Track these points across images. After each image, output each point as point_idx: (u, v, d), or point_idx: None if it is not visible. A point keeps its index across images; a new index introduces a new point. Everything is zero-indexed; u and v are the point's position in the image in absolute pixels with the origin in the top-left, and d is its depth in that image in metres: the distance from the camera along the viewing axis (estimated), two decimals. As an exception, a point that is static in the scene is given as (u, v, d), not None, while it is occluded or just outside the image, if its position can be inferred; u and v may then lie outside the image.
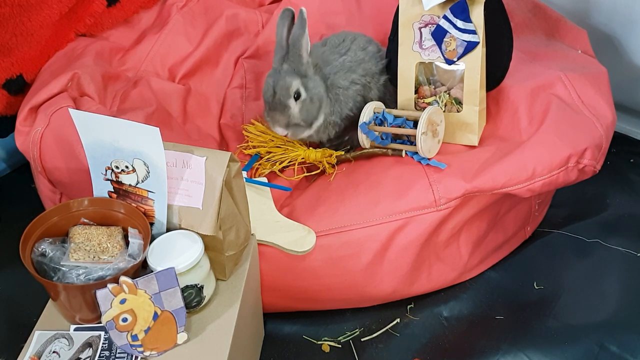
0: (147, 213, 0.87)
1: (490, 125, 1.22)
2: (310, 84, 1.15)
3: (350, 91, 1.21)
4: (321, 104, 1.17)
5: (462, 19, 1.12)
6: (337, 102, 1.21)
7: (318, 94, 1.16)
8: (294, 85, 1.13)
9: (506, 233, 1.22)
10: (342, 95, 1.21)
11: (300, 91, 1.14)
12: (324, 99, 1.18)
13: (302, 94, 1.14)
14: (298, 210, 1.10)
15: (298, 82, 1.14)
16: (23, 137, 1.11)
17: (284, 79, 1.13)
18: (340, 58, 1.22)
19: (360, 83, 1.22)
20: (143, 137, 0.83)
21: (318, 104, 1.16)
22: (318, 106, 1.17)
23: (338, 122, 1.22)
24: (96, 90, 1.20)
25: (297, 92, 1.14)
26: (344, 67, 1.22)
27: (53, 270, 0.81)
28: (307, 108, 1.16)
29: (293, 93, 1.14)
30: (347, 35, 1.27)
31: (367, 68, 1.23)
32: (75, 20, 1.30)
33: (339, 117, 1.22)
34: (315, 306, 1.13)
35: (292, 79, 1.13)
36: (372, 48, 1.26)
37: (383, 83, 1.26)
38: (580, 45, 1.34)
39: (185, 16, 1.43)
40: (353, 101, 1.22)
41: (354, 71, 1.22)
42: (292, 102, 1.14)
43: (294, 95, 1.14)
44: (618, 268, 1.22)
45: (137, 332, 0.79)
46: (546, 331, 1.11)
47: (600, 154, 1.14)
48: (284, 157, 1.22)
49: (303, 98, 1.15)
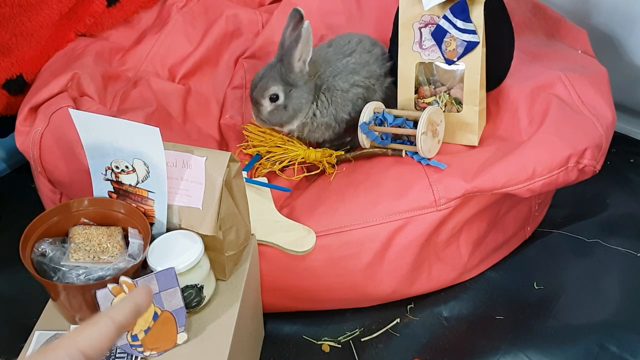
0: (147, 213, 0.87)
1: (490, 125, 1.22)
2: (295, 93, 1.17)
3: (350, 94, 1.21)
4: (296, 114, 1.19)
5: (462, 19, 1.12)
6: (333, 104, 1.20)
7: (296, 105, 1.18)
8: (272, 90, 1.16)
9: (506, 233, 1.22)
10: (340, 97, 1.21)
11: (279, 96, 1.17)
12: (303, 109, 1.19)
13: (280, 99, 1.17)
14: (298, 210, 1.10)
15: (277, 89, 1.16)
16: (23, 137, 1.11)
17: (267, 80, 1.16)
18: (344, 59, 1.22)
19: (364, 85, 1.22)
20: (143, 137, 0.83)
21: (292, 113, 1.19)
22: (291, 114, 1.19)
23: (332, 124, 1.22)
24: (96, 90, 1.20)
25: (275, 96, 1.17)
26: (346, 69, 1.21)
27: (53, 270, 0.81)
28: (280, 114, 1.18)
29: (269, 95, 1.17)
30: (353, 36, 1.27)
31: (371, 70, 1.23)
32: (75, 20, 1.30)
33: (333, 119, 1.21)
34: (315, 306, 1.13)
35: (273, 84, 1.16)
36: (377, 50, 1.26)
37: (388, 85, 1.25)
38: (580, 45, 1.34)
39: (185, 16, 1.43)
40: (352, 104, 1.22)
41: (358, 73, 1.22)
42: (266, 102, 1.18)
43: (269, 97, 1.17)
44: (618, 268, 1.22)
45: (137, 332, 0.79)
46: (546, 331, 1.11)
47: (600, 154, 1.14)
48: (284, 156, 1.22)
49: (279, 103, 1.17)
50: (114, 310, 0.55)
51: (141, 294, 0.58)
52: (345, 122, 1.23)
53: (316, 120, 1.21)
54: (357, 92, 1.22)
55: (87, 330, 0.52)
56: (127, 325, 0.55)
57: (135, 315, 0.56)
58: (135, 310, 0.56)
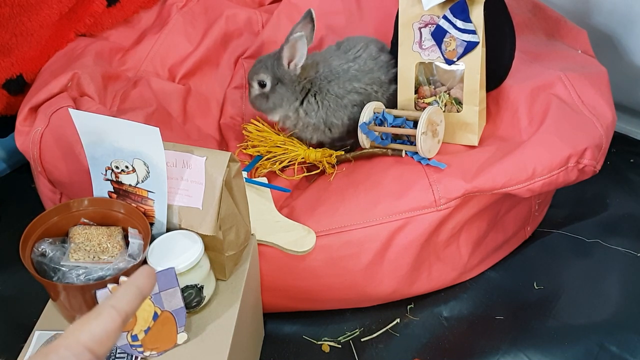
0: (147, 213, 0.87)
1: (490, 125, 1.22)
2: (279, 89, 1.21)
3: (344, 100, 1.21)
4: (276, 108, 1.23)
5: (462, 19, 1.12)
6: (324, 108, 1.21)
7: (277, 100, 1.21)
8: (261, 76, 1.21)
9: (506, 233, 1.22)
10: (333, 102, 1.21)
11: (266, 83, 1.21)
12: (283, 106, 1.22)
13: (266, 87, 1.21)
14: (298, 210, 1.10)
15: (265, 77, 1.21)
16: (23, 137, 1.11)
17: (261, 66, 1.22)
18: (346, 64, 1.22)
19: (363, 93, 1.22)
20: (143, 137, 0.83)
21: (272, 105, 1.23)
22: (271, 107, 1.23)
23: (321, 127, 1.22)
24: (96, 90, 1.20)
25: (262, 82, 1.21)
26: (346, 75, 1.21)
27: (53, 270, 0.81)
28: (262, 101, 1.23)
29: (257, 80, 1.22)
30: (360, 41, 1.26)
31: (374, 77, 1.22)
32: (75, 20, 1.30)
33: (322, 123, 1.22)
34: (315, 306, 1.13)
35: (263, 72, 1.21)
36: (384, 57, 1.25)
37: (392, 92, 1.24)
38: (580, 45, 1.34)
39: (185, 16, 1.43)
40: (345, 110, 1.21)
41: (359, 80, 1.21)
42: (255, 84, 1.23)
43: (258, 81, 1.22)
44: (618, 268, 1.22)
45: (137, 332, 0.78)
46: (546, 331, 1.11)
47: (600, 154, 1.14)
48: (284, 156, 1.22)
49: (264, 91, 1.21)
50: (116, 298, 0.50)
51: (143, 276, 0.52)
52: (338, 127, 1.23)
53: (302, 120, 1.22)
54: (352, 99, 1.21)
55: (90, 323, 0.48)
56: (132, 312, 0.50)
57: (140, 301, 0.51)
58: (139, 295, 0.51)
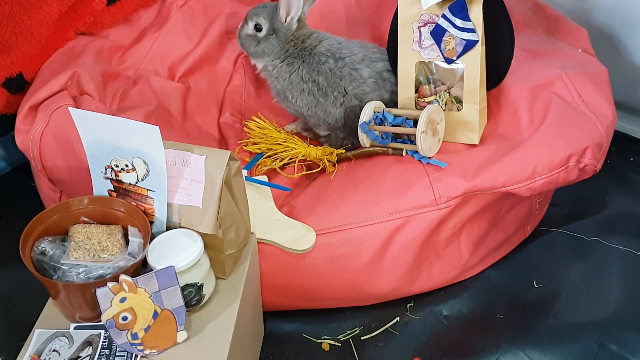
0: (147, 212, 0.87)
1: (491, 124, 1.22)
2: (272, 40, 1.23)
3: (309, 84, 1.23)
4: (262, 56, 1.25)
5: (461, 17, 1.12)
6: (290, 80, 1.23)
7: (267, 49, 1.24)
8: (260, 19, 1.24)
9: (507, 232, 1.22)
10: (296, 77, 1.23)
11: (262, 28, 1.24)
12: (268, 57, 1.25)
13: (262, 32, 1.24)
14: (298, 209, 1.10)
15: (263, 22, 1.24)
16: (23, 136, 1.11)
17: (263, 10, 1.25)
18: (336, 46, 1.25)
19: (324, 88, 1.22)
20: (143, 136, 0.83)
21: (261, 52, 1.25)
22: (260, 53, 1.25)
23: (282, 95, 1.25)
24: (96, 89, 1.20)
25: (259, 26, 1.24)
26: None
27: (53, 269, 0.81)
28: (251, 44, 1.26)
29: (255, 22, 1.24)
30: (361, 50, 1.25)
31: (342, 85, 1.23)
32: (75, 19, 1.30)
33: (283, 93, 1.24)
34: (316, 305, 1.13)
35: (264, 17, 1.24)
36: (392, 79, 1.25)
37: (350, 107, 1.23)
38: (581, 44, 1.34)
39: (185, 15, 1.43)
40: (301, 95, 1.23)
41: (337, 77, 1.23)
42: (250, 25, 1.25)
43: (255, 24, 1.24)
44: (618, 267, 1.22)
45: (137, 331, 0.79)
46: (546, 330, 1.11)
47: (600, 153, 1.14)
48: (285, 154, 1.22)
49: (258, 35, 1.24)
50: None
51: None
52: (290, 105, 1.25)
53: (274, 78, 1.25)
54: (311, 88, 1.22)
55: None
56: None
57: None
58: None
